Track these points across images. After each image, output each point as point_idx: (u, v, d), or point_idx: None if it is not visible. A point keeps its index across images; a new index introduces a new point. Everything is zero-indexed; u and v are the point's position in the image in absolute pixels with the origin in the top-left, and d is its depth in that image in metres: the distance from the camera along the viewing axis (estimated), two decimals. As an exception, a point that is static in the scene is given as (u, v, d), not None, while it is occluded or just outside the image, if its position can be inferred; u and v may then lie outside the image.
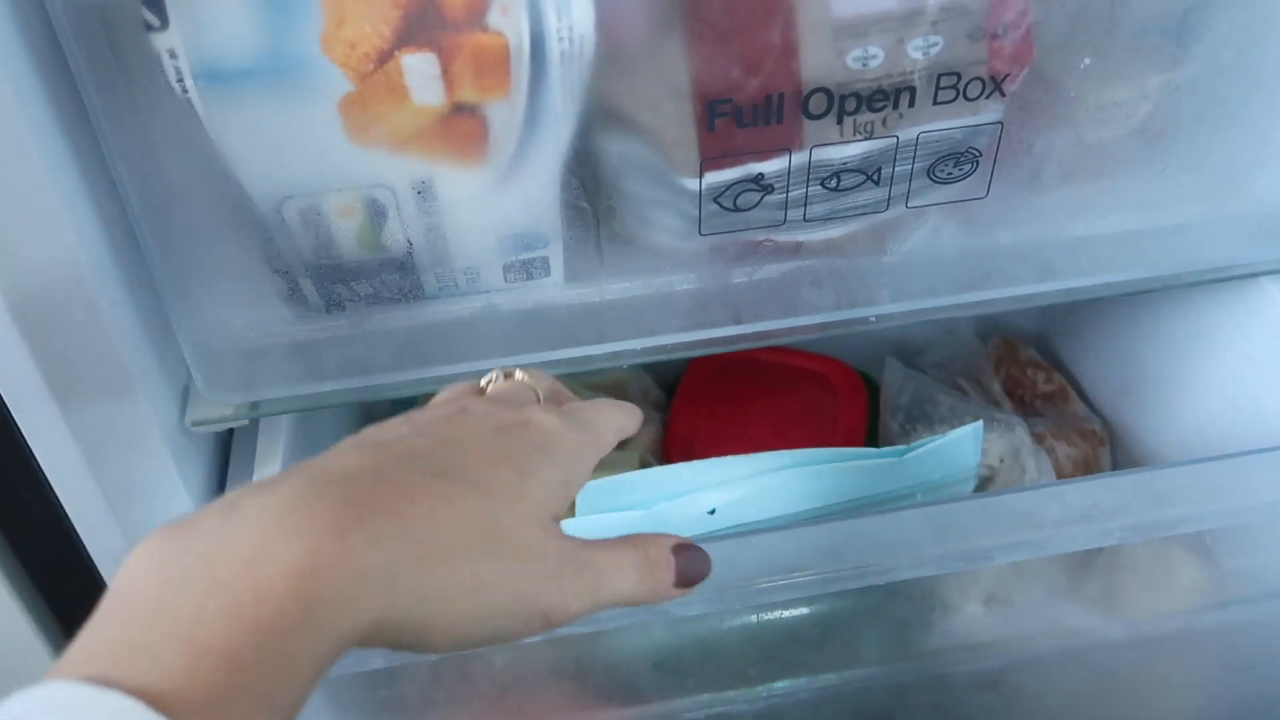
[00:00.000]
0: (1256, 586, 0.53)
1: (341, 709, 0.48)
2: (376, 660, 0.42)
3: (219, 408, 0.47)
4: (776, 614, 0.49)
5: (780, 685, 0.50)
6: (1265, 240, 0.52)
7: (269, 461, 0.49)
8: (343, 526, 0.25)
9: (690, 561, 0.33)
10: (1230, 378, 0.59)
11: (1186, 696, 0.58)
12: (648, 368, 0.73)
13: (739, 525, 0.49)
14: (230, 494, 0.27)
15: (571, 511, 0.48)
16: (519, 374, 0.36)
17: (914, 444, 0.52)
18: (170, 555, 0.25)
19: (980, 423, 0.51)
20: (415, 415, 0.32)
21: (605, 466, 0.63)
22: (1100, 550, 0.50)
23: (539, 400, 0.35)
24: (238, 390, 0.47)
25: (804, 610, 0.48)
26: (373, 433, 0.31)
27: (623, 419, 0.36)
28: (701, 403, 0.70)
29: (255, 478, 0.49)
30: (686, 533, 0.45)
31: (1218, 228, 0.51)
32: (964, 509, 0.45)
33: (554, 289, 0.49)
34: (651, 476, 0.49)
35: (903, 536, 0.43)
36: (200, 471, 0.49)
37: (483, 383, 0.36)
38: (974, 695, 0.53)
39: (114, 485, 0.45)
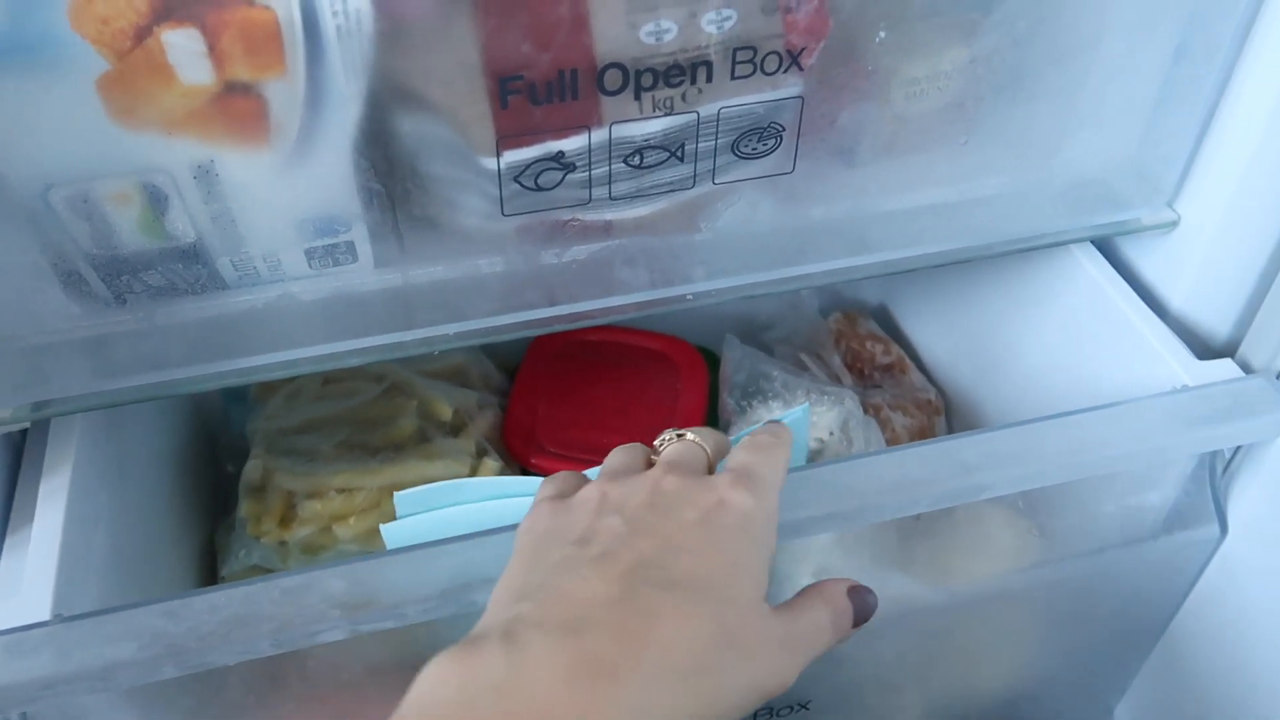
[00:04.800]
0: (1072, 545, 0.55)
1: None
2: (168, 668, 0.40)
3: (-3, 411, 0.45)
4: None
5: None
6: (1071, 210, 0.54)
7: (60, 465, 0.47)
8: (612, 666, 0.29)
9: (863, 602, 0.37)
10: (1048, 343, 0.61)
11: (1011, 654, 0.60)
12: (488, 351, 0.72)
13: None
14: (504, 618, 0.31)
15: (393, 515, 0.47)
16: (689, 435, 0.39)
17: (742, 433, 0.52)
18: (464, 682, 0.29)
19: (807, 405, 0.51)
20: (612, 493, 0.35)
21: (438, 455, 0.62)
22: (919, 518, 0.50)
23: (708, 458, 0.38)
24: (17, 391, 0.44)
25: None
26: (587, 525, 0.34)
27: (786, 455, 0.39)
28: (542, 386, 0.69)
29: (44, 483, 0.46)
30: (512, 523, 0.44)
31: (1025, 199, 0.53)
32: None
33: (362, 275, 0.47)
34: (483, 483, 0.48)
35: None
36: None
37: (656, 443, 0.39)
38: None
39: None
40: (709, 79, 0.43)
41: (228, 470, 0.70)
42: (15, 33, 0.36)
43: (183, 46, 0.37)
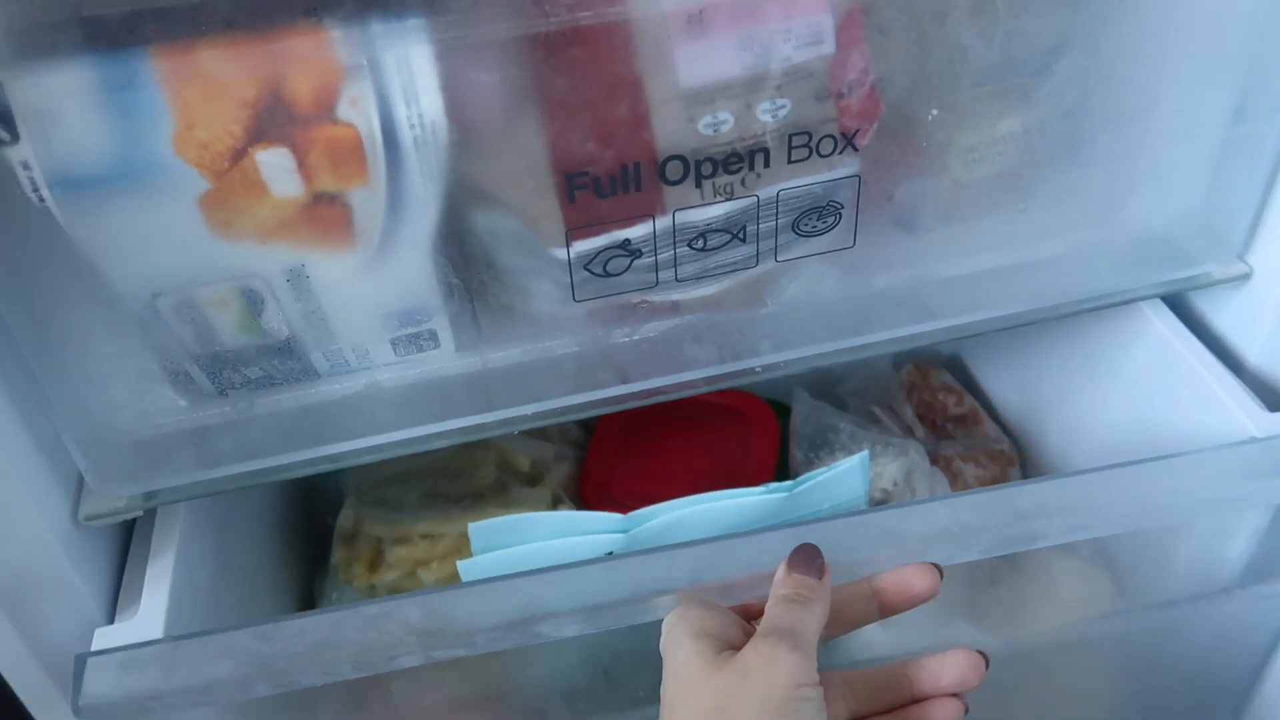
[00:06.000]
0: (1144, 596, 0.54)
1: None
2: (261, 686, 0.43)
3: (112, 501, 0.48)
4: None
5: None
6: (1138, 268, 0.54)
7: (164, 551, 0.50)
8: None
9: (807, 561, 0.41)
10: (1119, 397, 0.60)
11: (1087, 712, 0.59)
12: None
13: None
14: None
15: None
16: None
17: (800, 479, 0.53)
18: None
19: (866, 453, 0.52)
20: None
21: (516, 504, 0.64)
22: (980, 566, 0.51)
23: None
24: (130, 482, 0.48)
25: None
26: None
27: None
28: (617, 441, 0.71)
29: (150, 567, 0.49)
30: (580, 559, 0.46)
31: (1089, 259, 0.53)
32: (830, 528, 0.45)
33: (444, 360, 0.50)
34: (553, 518, 0.50)
35: (765, 556, 0.43)
36: (97, 562, 0.49)
37: None
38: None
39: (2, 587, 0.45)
40: (766, 164, 0.45)
41: (326, 521, 0.74)
42: (127, 163, 0.39)
43: (274, 164, 0.40)
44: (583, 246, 0.45)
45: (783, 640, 0.38)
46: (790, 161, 0.45)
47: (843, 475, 0.51)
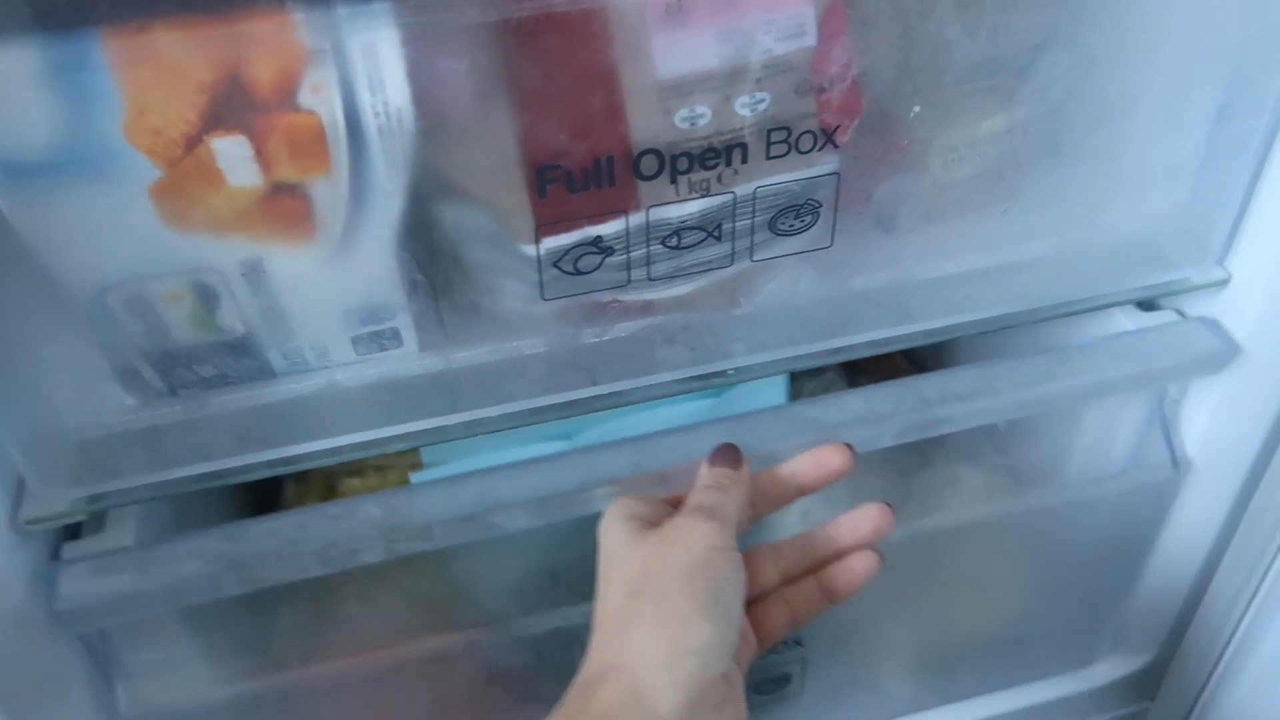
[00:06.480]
0: (1037, 484, 0.58)
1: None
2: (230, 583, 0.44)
3: (55, 504, 0.46)
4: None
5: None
6: (1118, 272, 0.53)
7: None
8: None
9: (727, 456, 0.44)
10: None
11: (990, 593, 0.62)
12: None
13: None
14: None
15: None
16: None
17: (728, 386, 0.55)
18: None
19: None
20: None
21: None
22: (894, 461, 0.54)
23: None
24: (74, 485, 0.45)
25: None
26: None
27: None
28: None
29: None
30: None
31: (1069, 262, 0.52)
32: (757, 419, 0.48)
33: (407, 360, 0.48)
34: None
35: (701, 446, 0.45)
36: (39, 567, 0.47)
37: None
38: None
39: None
40: (744, 160, 0.43)
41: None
42: (74, 149, 0.37)
43: (232, 152, 0.38)
44: (553, 243, 0.44)
45: (699, 513, 0.41)
46: (769, 158, 0.43)
47: (765, 382, 0.54)
